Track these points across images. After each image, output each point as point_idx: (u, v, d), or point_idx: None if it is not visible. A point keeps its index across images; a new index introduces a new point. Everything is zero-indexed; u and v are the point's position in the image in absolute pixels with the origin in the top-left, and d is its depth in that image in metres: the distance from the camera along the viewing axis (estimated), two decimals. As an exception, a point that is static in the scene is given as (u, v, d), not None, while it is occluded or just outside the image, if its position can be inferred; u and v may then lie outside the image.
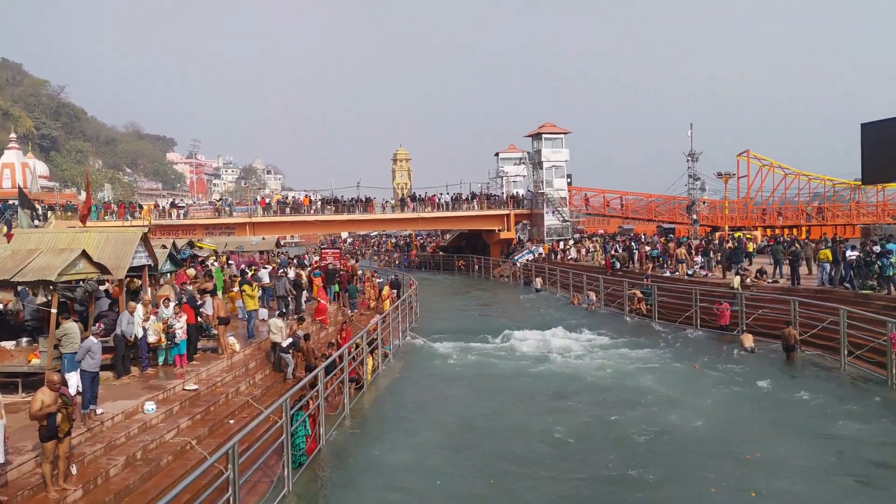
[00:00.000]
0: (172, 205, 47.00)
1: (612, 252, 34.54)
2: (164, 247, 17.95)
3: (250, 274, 22.76)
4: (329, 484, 10.18)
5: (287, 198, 52.44)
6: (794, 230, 53.41)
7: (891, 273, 19.47)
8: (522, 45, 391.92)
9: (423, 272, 51.12)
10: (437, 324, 25.12)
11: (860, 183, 45.59)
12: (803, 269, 23.43)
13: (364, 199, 47.25)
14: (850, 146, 34.66)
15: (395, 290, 27.98)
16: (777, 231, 50.56)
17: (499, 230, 48.25)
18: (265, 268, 24.21)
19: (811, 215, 59.49)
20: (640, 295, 26.21)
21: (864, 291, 19.87)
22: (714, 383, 15.61)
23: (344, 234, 78.90)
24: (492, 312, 29.15)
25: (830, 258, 22.01)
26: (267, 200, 48.61)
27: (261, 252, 35.18)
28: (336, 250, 36.82)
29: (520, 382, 16.08)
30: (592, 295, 29.05)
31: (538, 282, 36.56)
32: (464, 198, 48.67)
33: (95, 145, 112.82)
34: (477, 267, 47.68)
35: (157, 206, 46.44)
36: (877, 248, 21.60)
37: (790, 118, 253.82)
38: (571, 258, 40.12)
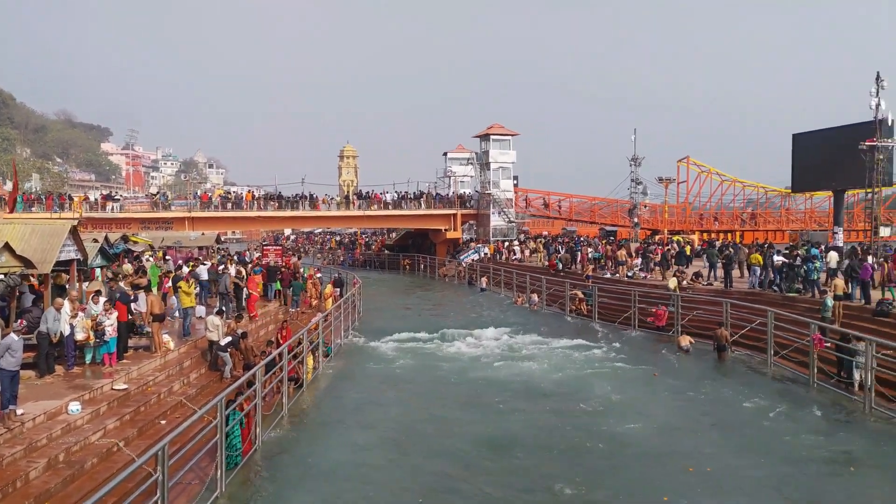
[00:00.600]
0: (109, 197, 45.24)
1: (555, 253, 35.15)
2: (95, 241, 17.26)
3: (188, 270, 22.10)
4: (264, 485, 9.95)
5: (229, 193, 51.21)
6: (729, 235, 55.36)
7: (815, 277, 20.39)
8: (473, 47, 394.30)
9: (368, 271, 50.77)
10: (380, 323, 24.95)
11: (790, 191, 47.49)
12: (736, 273, 24.29)
13: (309, 196, 46.57)
14: (783, 155, 36.05)
15: (338, 289, 27.68)
16: (713, 235, 52.27)
17: (445, 230, 48.33)
18: (204, 264, 23.54)
19: (745, 220, 61.85)
20: (581, 295, 26.67)
21: (791, 294, 20.74)
22: (654, 386, 15.92)
23: (287, 231, 77.62)
24: (436, 312, 29.15)
25: (761, 262, 22.92)
26: (209, 195, 47.35)
27: (200, 248, 34.22)
28: (278, 247, 36.14)
29: (462, 384, 16.04)
30: (535, 296, 29.41)
31: (483, 282, 36.79)
32: (411, 196, 48.55)
33: (24, 133, 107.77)
34: (422, 266, 47.65)
35: (87, 198, 44.61)
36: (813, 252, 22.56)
37: (728, 126, 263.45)
38: (516, 259, 40.51)
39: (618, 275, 29.01)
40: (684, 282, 24.09)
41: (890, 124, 27.84)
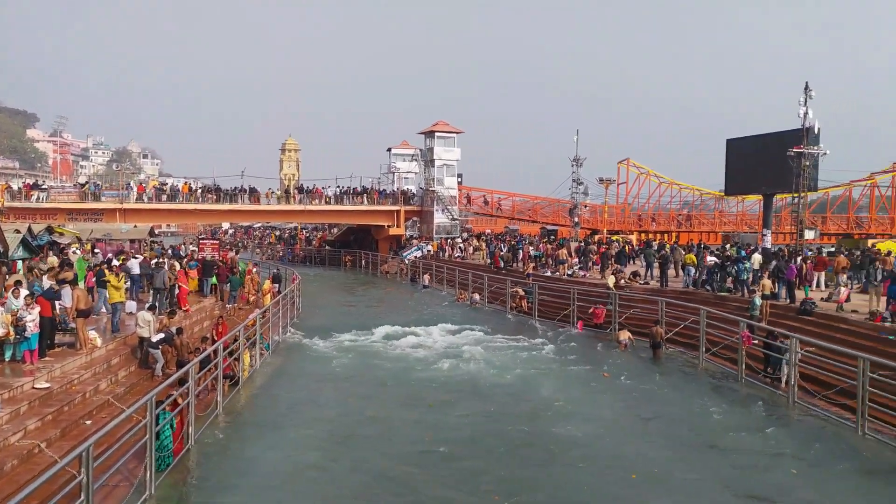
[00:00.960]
0: (34, 186, 43.00)
1: (497, 251, 35.51)
2: (17, 231, 16.35)
3: (118, 264, 21.23)
4: (196, 486, 9.62)
5: (164, 184, 49.52)
6: (666, 235, 57.07)
7: (745, 277, 21.22)
8: (418, 45, 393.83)
9: (308, 267, 49.98)
10: (320, 320, 24.59)
11: (724, 194, 49.23)
12: (672, 272, 25.03)
13: (249, 189, 45.49)
14: (718, 159, 37.33)
15: (276, 285, 27.12)
16: (650, 236, 53.75)
17: (388, 226, 48.06)
18: (135, 258, 22.64)
19: (681, 222, 63.87)
20: (522, 293, 26.95)
21: (722, 294, 21.52)
22: (594, 384, 16.15)
23: (225, 225, 75.77)
24: (378, 309, 28.93)
25: (695, 262, 23.71)
26: (144, 186, 45.64)
27: (132, 241, 32.95)
28: (215, 241, 35.19)
29: (402, 383, 15.85)
30: (476, 295, 29.53)
31: (425, 279, 36.75)
32: (354, 192, 48.06)
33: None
34: (364, 262, 47.25)
35: (9, 186, 42.30)
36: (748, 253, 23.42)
37: (667, 129, 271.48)
38: (459, 256, 40.65)
39: (558, 273, 29.45)
40: (622, 280, 24.66)
41: (816, 132, 29.20)
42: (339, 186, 48.61)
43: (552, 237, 43.92)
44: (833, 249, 28.86)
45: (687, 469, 10.67)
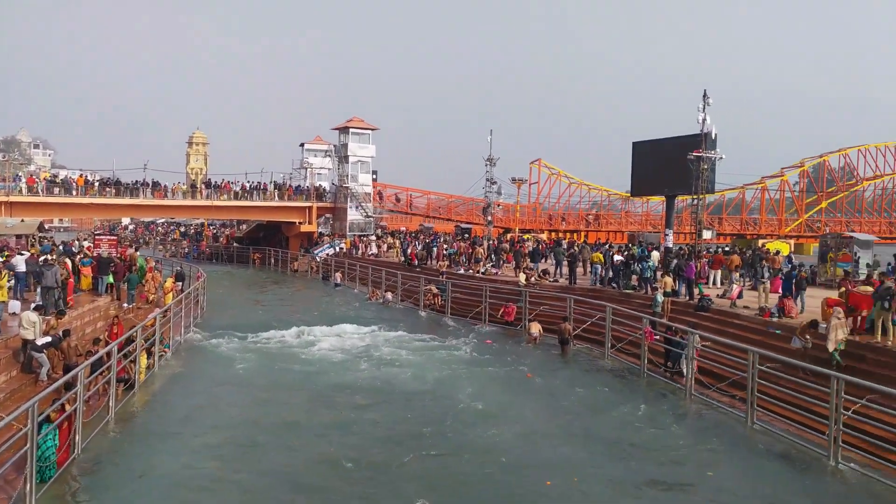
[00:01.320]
0: None
1: (413, 249, 35.46)
2: None
3: (1, 260, 19.62)
4: (82, 498, 8.94)
5: (57, 176, 46.37)
6: (575, 234, 58.79)
7: (648, 275, 22.08)
8: (335, 39, 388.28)
9: (215, 264, 48.17)
10: (226, 320, 23.66)
11: (630, 195, 51.16)
12: (580, 270, 25.72)
13: (151, 183, 43.31)
14: (625, 161, 38.64)
15: (179, 283, 25.90)
16: (560, 234, 55.20)
17: (300, 223, 47.03)
18: (21, 254, 20.99)
19: (589, 221, 66.01)
20: (435, 291, 26.97)
21: (627, 291, 22.30)
22: (507, 382, 16.22)
23: (125, 221, 71.91)
24: (287, 308, 28.18)
25: (602, 261, 24.46)
26: (35, 178, 42.51)
27: (18, 236, 30.62)
28: (113, 237, 33.18)
29: (312, 385, 15.26)
30: (389, 294, 29.30)
31: (338, 277, 36.17)
32: (264, 187, 46.68)
33: None
34: (274, 260, 46.02)
35: None
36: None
37: (578, 131, 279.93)
38: (372, 254, 40.27)
39: (471, 271, 29.68)
40: (532, 278, 25.12)
41: (714, 137, 30.77)
42: (248, 181, 47.15)
43: (466, 235, 44.29)
44: (728, 249, 30.51)
45: (595, 466, 10.89)
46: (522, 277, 24.36)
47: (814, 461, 10.73)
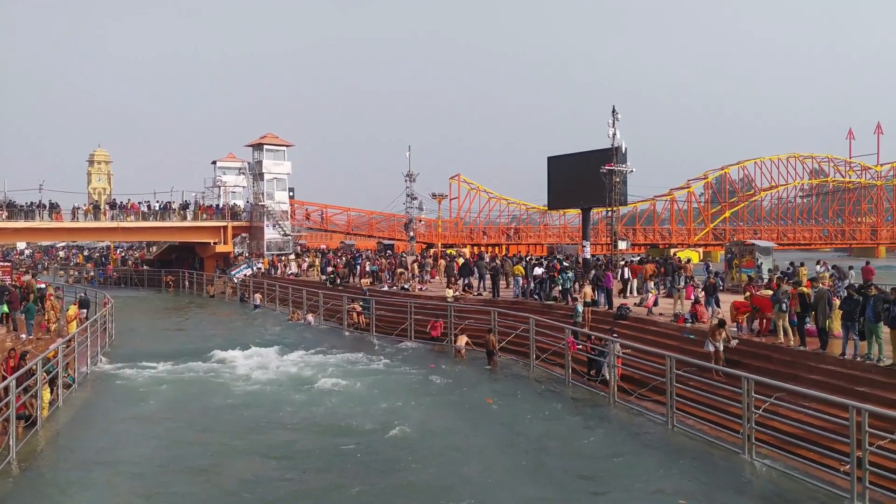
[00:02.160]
0: None
1: (340, 264, 34.91)
2: None
3: None
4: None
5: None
6: (496, 248, 59.61)
7: (568, 286, 22.57)
8: (246, 51, 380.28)
9: (124, 289, 45.83)
10: (137, 348, 22.44)
11: (547, 208, 52.38)
12: (503, 283, 26.01)
13: (49, 205, 40.74)
14: (543, 175, 39.43)
15: (84, 310, 24.37)
16: (482, 249, 55.78)
17: (214, 243, 45.45)
18: None
19: (510, 235, 67.16)
20: (359, 309, 26.60)
21: (549, 302, 22.71)
22: (430, 397, 16.11)
23: (21, 245, 67.30)
24: (203, 333, 27.01)
25: (523, 273, 24.84)
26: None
27: None
28: (6, 264, 30.93)
29: (231, 416, 14.38)
30: (311, 317, 28.61)
31: (257, 298, 35.09)
32: (175, 207, 44.87)
33: None
34: (188, 283, 44.23)
35: None
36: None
37: (496, 146, 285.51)
38: (292, 273, 39.37)
39: (395, 287, 29.49)
40: (457, 292, 25.19)
41: (624, 151, 32.00)
42: (158, 201, 45.15)
43: (389, 252, 44.03)
44: (641, 258, 31.68)
45: (522, 474, 10.97)
46: (450, 293, 24.33)
47: (730, 458, 11.20)
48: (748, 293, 17.43)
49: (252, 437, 12.88)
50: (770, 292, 16.02)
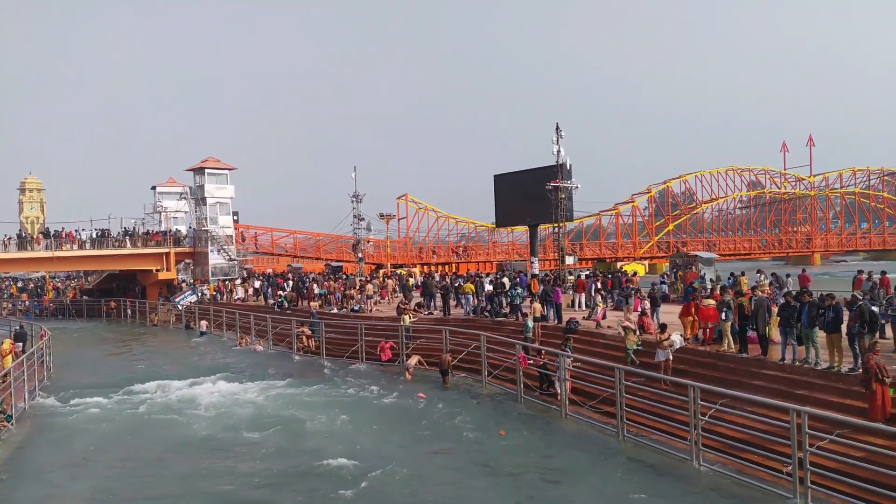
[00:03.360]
0: None
1: (279, 292, 34.37)
2: None
3: None
4: None
5: None
6: (446, 266, 59.73)
7: (518, 302, 22.74)
8: (182, 74, 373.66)
9: (62, 320, 43.99)
10: (77, 380, 21.51)
11: (495, 226, 52.79)
12: (452, 301, 26.02)
13: (-22, 235, 38.95)
14: (489, 193, 39.87)
15: (19, 344, 23.28)
16: (432, 268, 55.82)
17: (157, 270, 44.16)
18: None
19: (459, 253, 67.36)
20: (308, 332, 26.18)
21: (499, 319, 22.81)
22: (384, 420, 15.93)
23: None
24: (147, 362, 26.06)
25: (473, 290, 24.91)
26: None
27: None
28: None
29: (180, 448, 13.83)
30: (258, 346, 27.94)
31: (203, 325, 34.17)
32: (114, 234, 43.47)
33: None
34: (130, 312, 42.79)
35: None
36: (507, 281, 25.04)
37: (444, 165, 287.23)
38: (238, 298, 38.54)
39: (344, 309, 29.17)
40: (414, 319, 24.89)
41: (568, 168, 32.60)
42: (96, 229, 43.70)
43: (337, 274, 43.57)
44: (589, 272, 32.21)
45: (476, 489, 10.95)
46: (406, 319, 23.47)
47: (678, 465, 11.42)
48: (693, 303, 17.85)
49: (198, 479, 12.04)
50: (713, 302, 16.48)
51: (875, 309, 12.99)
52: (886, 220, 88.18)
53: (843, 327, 12.83)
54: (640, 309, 19.88)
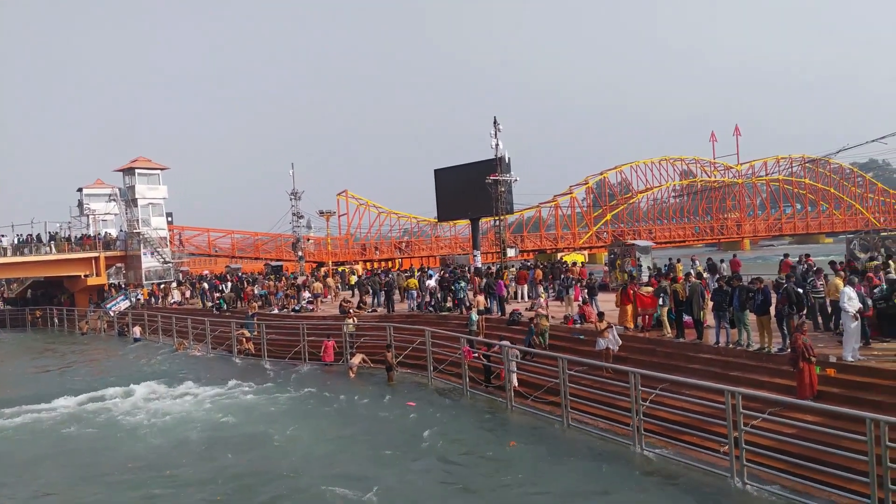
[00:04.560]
0: None
1: (219, 292, 33.47)
2: None
3: None
4: None
5: None
6: (390, 262, 59.34)
7: (462, 296, 22.77)
8: (107, 71, 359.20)
9: (-18, 332, 41.65)
10: (1, 394, 20.36)
11: (437, 220, 52.77)
12: (397, 297, 25.86)
13: None
14: (430, 187, 39.80)
15: (-66, 359, 21.89)
16: (375, 265, 55.38)
17: (86, 275, 42.30)
18: None
19: (402, 249, 67.07)
20: (248, 335, 25.55)
21: (444, 313, 22.79)
22: (328, 423, 15.67)
23: None
24: (79, 372, 24.90)
25: (417, 286, 24.81)
26: None
27: None
28: None
29: (116, 464, 12.99)
30: (196, 351, 27.10)
31: (136, 331, 32.91)
32: (37, 239, 41.38)
33: None
34: (58, 320, 40.86)
35: None
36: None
37: (384, 160, 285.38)
38: (175, 302, 37.31)
39: (285, 310, 28.61)
40: (351, 310, 24.68)
41: (507, 161, 32.81)
42: (17, 235, 41.50)
43: (278, 273, 42.72)
44: (530, 264, 32.54)
45: (424, 483, 10.91)
46: (350, 323, 22.91)
47: (622, 451, 11.64)
48: (631, 291, 18.21)
49: (143, 490, 11.49)
50: (651, 289, 16.86)
51: (800, 290, 13.53)
52: (809, 204, 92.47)
53: (772, 309, 13.32)
54: (580, 299, 20.20)
